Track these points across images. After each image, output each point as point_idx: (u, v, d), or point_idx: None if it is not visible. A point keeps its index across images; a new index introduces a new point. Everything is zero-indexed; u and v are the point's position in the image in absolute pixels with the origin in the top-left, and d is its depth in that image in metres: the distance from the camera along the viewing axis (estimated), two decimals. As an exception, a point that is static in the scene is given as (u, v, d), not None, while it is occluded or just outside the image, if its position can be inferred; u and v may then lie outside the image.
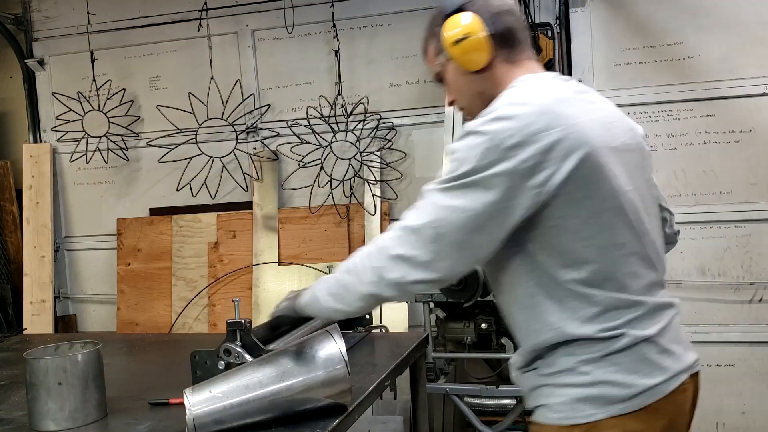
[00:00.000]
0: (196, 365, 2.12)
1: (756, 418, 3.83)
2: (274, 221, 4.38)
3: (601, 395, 1.50)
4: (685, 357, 1.59)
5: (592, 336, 1.51)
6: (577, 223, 1.48)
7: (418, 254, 1.50)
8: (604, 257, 1.51)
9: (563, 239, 1.49)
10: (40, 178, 4.78)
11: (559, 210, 1.47)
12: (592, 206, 1.49)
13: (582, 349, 1.52)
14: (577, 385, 1.53)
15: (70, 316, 4.85)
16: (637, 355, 1.51)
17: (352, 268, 1.62)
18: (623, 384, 1.50)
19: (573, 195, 1.46)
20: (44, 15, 4.84)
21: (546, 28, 3.87)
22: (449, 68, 1.73)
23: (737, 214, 3.80)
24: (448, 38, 1.65)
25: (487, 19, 1.62)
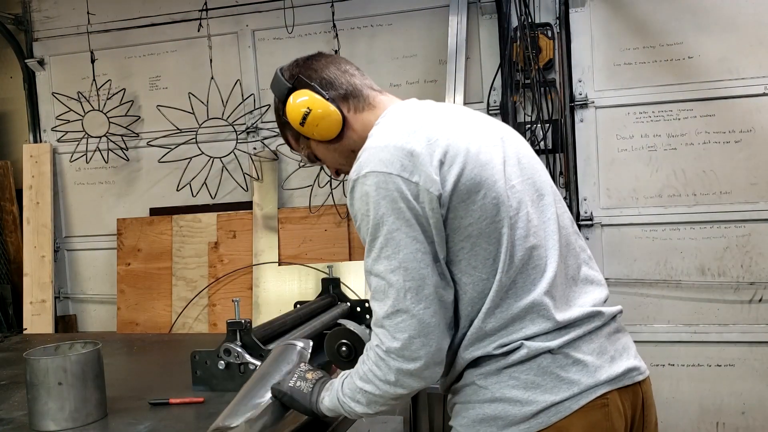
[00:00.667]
0: (197, 365, 2.12)
1: (756, 418, 3.83)
2: (274, 221, 4.38)
3: (500, 415, 1.43)
4: (607, 368, 1.48)
5: (490, 353, 1.45)
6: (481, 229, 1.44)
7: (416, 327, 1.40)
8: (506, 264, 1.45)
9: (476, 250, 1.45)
10: (40, 178, 4.78)
11: (461, 220, 1.44)
12: (486, 208, 1.45)
13: (482, 362, 1.47)
14: (477, 402, 1.46)
15: (70, 316, 4.85)
16: (538, 368, 1.43)
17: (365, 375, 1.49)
18: (522, 401, 1.42)
19: (467, 202, 1.43)
20: (44, 15, 4.84)
21: (546, 28, 3.87)
22: (314, 146, 1.71)
23: (737, 214, 3.80)
24: (293, 122, 1.65)
25: (318, 85, 1.63)
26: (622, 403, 1.49)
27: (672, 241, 3.89)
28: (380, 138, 1.50)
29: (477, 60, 4.09)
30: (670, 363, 3.92)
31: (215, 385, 2.09)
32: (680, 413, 3.93)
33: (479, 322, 1.46)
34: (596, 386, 1.45)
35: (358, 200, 1.45)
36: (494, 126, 1.64)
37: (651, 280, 3.92)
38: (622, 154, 3.94)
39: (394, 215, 1.40)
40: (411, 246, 1.40)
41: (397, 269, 1.40)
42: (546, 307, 1.45)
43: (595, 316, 1.52)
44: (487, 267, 1.45)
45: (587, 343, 1.48)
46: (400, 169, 1.42)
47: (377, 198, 1.41)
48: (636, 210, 3.93)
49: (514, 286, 1.46)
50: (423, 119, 1.54)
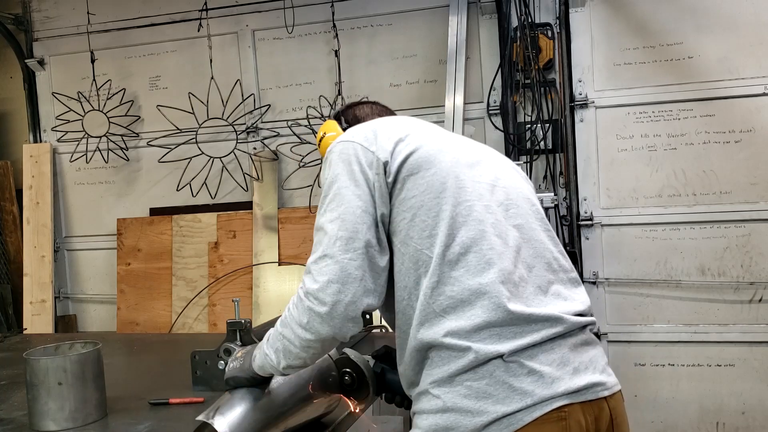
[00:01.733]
0: (196, 365, 2.12)
1: (756, 418, 3.83)
2: (274, 221, 4.38)
3: (452, 425, 1.39)
4: (567, 380, 1.41)
5: (439, 340, 1.42)
6: (424, 202, 1.50)
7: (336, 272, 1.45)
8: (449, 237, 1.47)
9: (416, 221, 1.49)
10: (41, 178, 4.78)
11: (408, 192, 1.51)
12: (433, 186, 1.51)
13: (435, 368, 1.43)
14: (430, 411, 1.44)
15: (70, 316, 4.85)
16: (490, 377, 1.38)
17: (285, 319, 1.54)
18: (473, 411, 1.38)
19: (416, 176, 1.52)
20: (44, 15, 4.84)
21: (546, 28, 3.87)
22: None
23: (737, 214, 3.80)
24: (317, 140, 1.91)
25: (344, 117, 1.89)
26: (585, 418, 1.42)
27: (672, 241, 3.89)
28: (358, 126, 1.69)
29: (477, 60, 4.09)
30: (670, 363, 3.92)
31: (215, 385, 2.08)
32: (680, 413, 3.93)
33: (426, 297, 1.45)
34: (552, 398, 1.39)
35: (327, 167, 1.59)
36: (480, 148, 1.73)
37: (651, 280, 3.92)
38: (622, 154, 3.93)
39: (347, 175, 1.52)
40: (354, 202, 1.49)
41: (335, 220, 1.49)
42: (497, 296, 1.41)
43: (556, 321, 1.45)
44: (423, 239, 1.48)
45: (546, 353, 1.42)
46: (362, 139, 1.58)
47: (337, 161, 1.56)
48: (636, 210, 3.93)
49: (465, 264, 1.45)
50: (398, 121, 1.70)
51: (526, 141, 3.93)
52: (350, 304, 1.45)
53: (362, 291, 1.46)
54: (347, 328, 1.47)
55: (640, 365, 3.96)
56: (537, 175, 3.96)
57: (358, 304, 1.46)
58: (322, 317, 1.45)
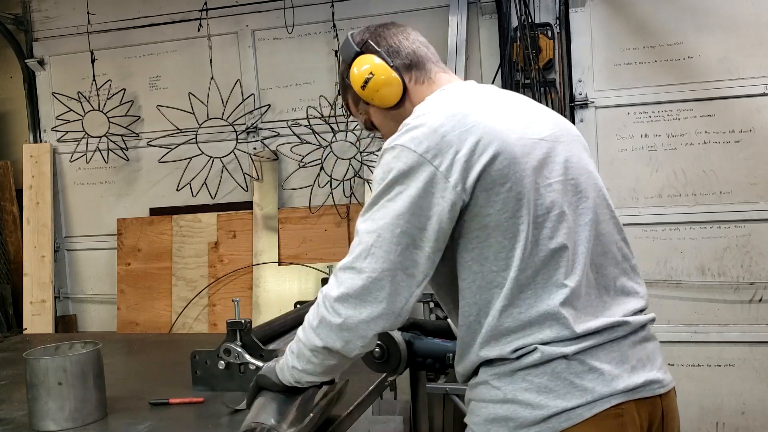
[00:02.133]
0: (196, 365, 2.12)
1: (756, 418, 3.83)
2: (274, 221, 4.38)
3: (511, 416, 1.42)
4: (625, 378, 1.44)
5: (506, 356, 1.44)
6: (498, 222, 1.42)
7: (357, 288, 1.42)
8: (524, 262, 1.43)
9: (490, 241, 1.43)
10: (41, 178, 4.78)
11: (481, 209, 1.43)
12: (508, 203, 1.42)
13: (497, 362, 1.46)
14: (490, 401, 1.46)
15: (70, 316, 4.85)
16: (552, 373, 1.41)
17: (305, 324, 1.51)
18: (534, 404, 1.40)
19: (489, 192, 1.42)
20: (44, 15, 4.84)
21: (546, 28, 3.87)
22: (372, 112, 1.70)
23: (737, 214, 3.80)
24: (355, 84, 1.64)
25: (384, 53, 1.63)
26: (638, 415, 1.45)
27: (672, 241, 3.89)
28: (420, 116, 1.50)
29: (477, 60, 4.09)
30: (670, 363, 3.92)
31: (215, 385, 2.08)
32: (680, 413, 3.92)
33: (494, 319, 1.44)
34: (611, 395, 1.42)
35: (381, 167, 1.47)
36: (551, 121, 1.61)
37: (651, 280, 3.92)
38: (622, 154, 3.94)
39: (399, 189, 1.42)
40: (394, 221, 1.41)
41: (371, 232, 1.42)
42: (564, 318, 1.42)
43: (620, 326, 1.49)
44: (499, 261, 1.43)
45: (606, 352, 1.45)
46: (425, 149, 1.42)
47: (395, 171, 1.43)
48: (636, 210, 3.93)
49: (534, 287, 1.43)
50: (469, 103, 1.52)
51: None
52: (362, 323, 1.42)
53: (378, 313, 1.42)
54: (354, 346, 1.45)
55: (640, 365, 3.96)
56: (537, 175, 3.96)
57: (371, 325, 1.43)
58: (331, 327, 1.44)
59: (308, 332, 1.49)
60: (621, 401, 1.42)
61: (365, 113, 1.72)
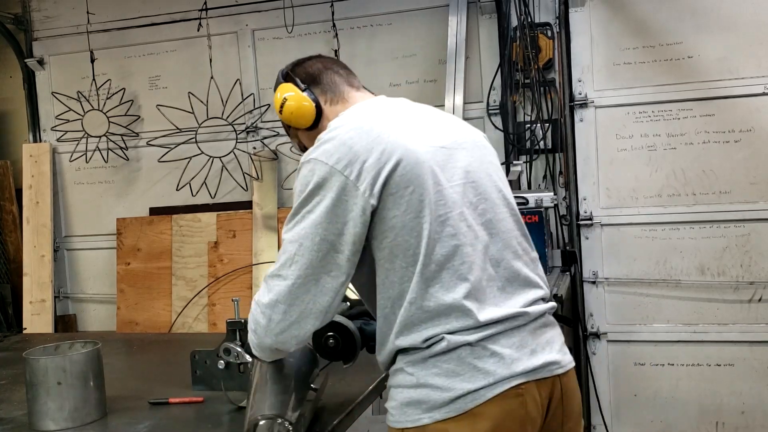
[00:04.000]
0: (196, 365, 2.13)
1: (756, 418, 3.83)
2: (274, 221, 4.38)
3: (424, 399, 1.55)
4: (524, 361, 1.58)
5: (418, 345, 1.56)
6: (405, 222, 1.55)
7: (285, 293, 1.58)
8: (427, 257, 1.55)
9: (398, 240, 1.56)
10: (40, 177, 4.78)
11: (388, 212, 1.55)
12: (412, 204, 1.55)
13: (410, 350, 1.58)
14: (405, 386, 1.58)
15: (69, 316, 4.85)
16: (458, 359, 1.54)
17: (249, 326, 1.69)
18: (443, 388, 1.54)
19: (395, 196, 1.55)
20: (44, 15, 4.84)
21: (546, 27, 3.87)
22: (300, 135, 1.88)
23: (737, 213, 3.80)
24: (275, 109, 1.85)
25: (298, 78, 1.83)
26: (539, 394, 1.59)
27: (672, 241, 3.89)
28: (331, 130, 1.63)
29: (477, 60, 4.09)
30: (670, 363, 3.93)
31: (215, 384, 2.09)
32: (680, 413, 3.93)
33: (406, 311, 1.56)
34: (511, 377, 1.55)
35: (299, 180, 1.61)
36: (454, 130, 1.75)
37: (650, 279, 3.92)
38: (621, 154, 3.94)
39: (316, 200, 1.55)
40: (314, 229, 1.55)
41: (294, 241, 1.57)
42: (468, 310, 1.55)
43: (520, 316, 1.62)
44: (407, 258, 1.56)
45: (507, 338, 1.59)
46: (336, 161, 1.55)
47: (311, 183, 1.56)
48: (636, 210, 3.93)
49: (439, 280, 1.56)
50: (375, 117, 1.67)
51: (526, 141, 3.93)
52: (293, 324, 1.58)
53: (308, 313, 1.57)
54: (289, 344, 1.62)
55: (640, 365, 3.96)
56: (536, 174, 3.96)
57: (302, 325, 1.58)
58: (265, 330, 1.61)
59: (251, 335, 1.67)
60: (521, 381, 1.56)
61: (295, 137, 1.91)
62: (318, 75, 1.83)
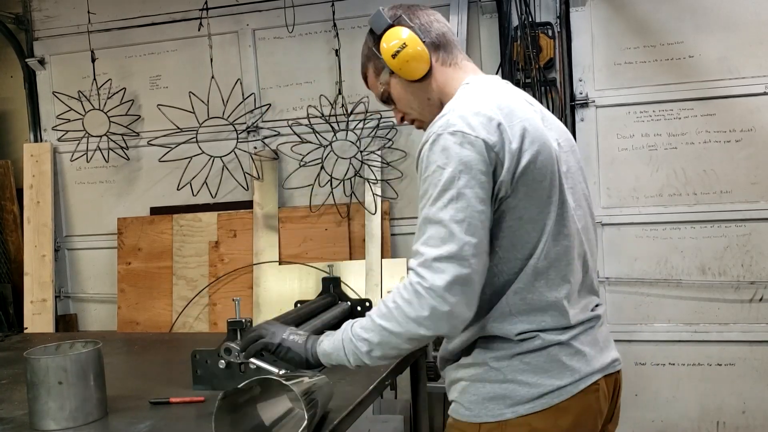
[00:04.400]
0: (197, 364, 2.13)
1: (756, 418, 3.83)
2: (274, 220, 4.38)
3: (509, 394, 1.57)
4: (599, 359, 1.65)
5: (510, 337, 1.58)
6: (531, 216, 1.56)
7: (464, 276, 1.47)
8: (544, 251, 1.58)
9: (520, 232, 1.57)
10: (41, 177, 4.78)
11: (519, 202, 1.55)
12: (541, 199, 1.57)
13: (496, 345, 1.60)
14: (488, 381, 1.59)
15: (70, 316, 4.86)
16: (548, 356, 1.58)
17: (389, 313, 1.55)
18: (531, 384, 1.57)
19: (529, 187, 1.55)
20: (45, 14, 4.84)
21: (546, 27, 3.87)
22: (393, 84, 1.78)
23: (737, 213, 3.80)
24: (386, 52, 1.72)
25: (418, 29, 1.72)
26: (607, 389, 1.67)
27: (672, 241, 3.89)
28: (470, 103, 1.58)
29: (477, 59, 4.08)
30: (671, 362, 3.93)
31: (216, 384, 2.09)
32: (680, 413, 3.93)
33: (507, 298, 1.58)
34: (592, 374, 1.62)
35: (439, 152, 1.52)
36: (560, 126, 1.78)
37: (651, 279, 3.92)
38: (622, 154, 3.94)
39: (470, 175, 1.49)
40: (478, 206, 1.49)
41: (461, 222, 1.48)
42: (564, 310, 1.60)
43: (596, 318, 1.72)
44: (525, 250, 1.57)
45: (585, 336, 1.65)
46: (485, 135, 1.51)
47: (459, 155, 1.49)
48: (636, 209, 3.93)
49: (546, 277, 1.59)
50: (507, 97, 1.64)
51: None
52: (467, 307, 1.50)
53: (476, 295, 1.52)
54: (457, 329, 1.55)
55: (641, 364, 3.96)
56: (537, 174, 3.96)
57: (471, 309, 1.52)
58: (441, 316, 1.49)
59: (408, 325, 1.52)
60: (598, 378, 1.63)
61: (385, 84, 1.79)
62: (433, 29, 1.74)
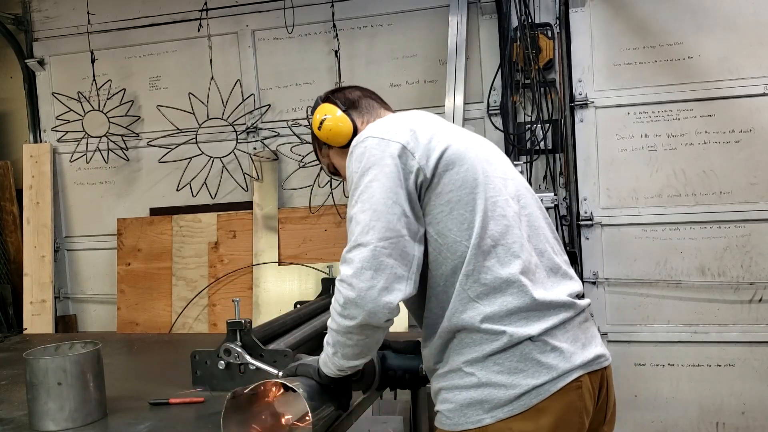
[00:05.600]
0: (197, 365, 2.12)
1: (756, 418, 3.83)
2: (274, 221, 4.38)
3: (486, 399, 1.56)
4: (579, 355, 1.62)
5: (476, 326, 1.57)
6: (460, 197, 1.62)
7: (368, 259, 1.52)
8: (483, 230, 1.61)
9: (453, 215, 1.61)
10: (41, 178, 4.78)
11: (444, 187, 1.61)
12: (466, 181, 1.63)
13: (466, 346, 1.59)
14: (464, 387, 1.59)
15: (70, 316, 4.85)
16: (520, 354, 1.56)
17: (331, 310, 1.61)
18: (507, 385, 1.55)
19: (450, 171, 1.62)
20: (44, 15, 4.84)
21: (546, 28, 3.87)
22: (332, 155, 1.96)
23: (737, 214, 3.80)
24: (314, 126, 1.93)
25: (338, 100, 1.93)
26: (591, 386, 1.64)
27: (672, 241, 3.89)
28: (383, 121, 1.74)
29: (477, 60, 4.09)
30: (670, 363, 3.93)
31: (215, 385, 2.09)
32: (680, 413, 3.93)
33: (462, 284, 1.59)
34: (572, 370, 1.59)
35: (355, 160, 1.64)
36: (480, 138, 1.87)
37: (651, 280, 3.92)
38: (622, 154, 3.94)
39: (378, 168, 1.58)
40: (384, 194, 1.56)
41: (367, 210, 1.55)
42: (524, 285, 1.59)
43: (570, 307, 1.65)
44: (462, 231, 1.60)
45: (562, 332, 1.62)
46: (394, 135, 1.63)
47: (369, 155, 1.61)
48: (636, 210, 3.93)
49: (495, 255, 1.60)
50: (419, 117, 1.76)
51: (526, 141, 3.93)
52: (383, 290, 1.51)
53: (394, 277, 1.53)
54: (381, 314, 1.53)
55: (640, 365, 3.96)
56: (537, 175, 3.96)
57: (390, 290, 1.52)
58: (355, 302, 1.52)
59: (337, 318, 1.58)
60: (579, 375, 1.60)
61: (326, 156, 1.99)
62: (356, 100, 1.93)
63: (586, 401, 1.61)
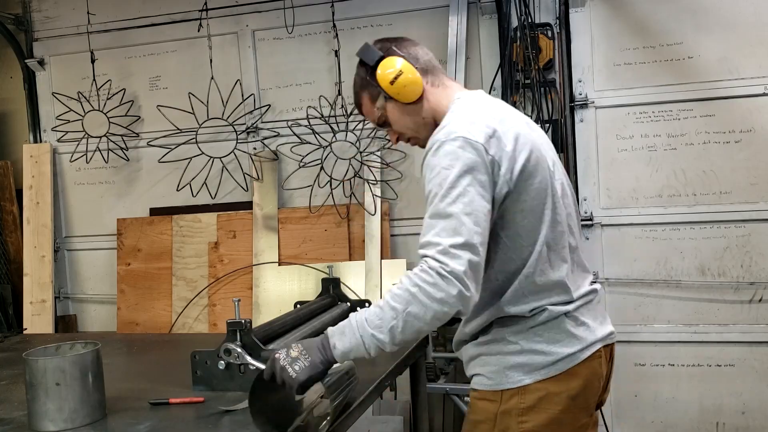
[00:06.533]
0: (197, 365, 2.12)
1: (756, 418, 3.83)
2: (274, 221, 4.38)
3: (527, 363, 1.80)
4: (600, 330, 1.89)
5: (524, 315, 1.80)
6: (531, 207, 1.79)
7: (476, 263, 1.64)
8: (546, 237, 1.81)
9: (524, 223, 1.79)
10: (41, 178, 4.78)
11: (519, 196, 1.77)
12: (538, 192, 1.80)
13: (512, 322, 1.82)
14: (507, 353, 1.82)
15: (70, 316, 4.86)
16: (557, 327, 1.81)
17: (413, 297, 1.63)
18: (546, 352, 1.80)
19: (526, 183, 1.77)
20: (44, 15, 4.84)
21: (546, 28, 3.87)
22: (389, 108, 1.96)
23: (737, 214, 3.80)
24: (383, 80, 1.91)
25: (409, 58, 1.93)
26: (605, 357, 1.91)
27: (672, 241, 3.89)
28: (467, 114, 1.81)
29: (477, 60, 4.09)
30: (670, 363, 3.93)
31: (215, 385, 2.09)
32: (680, 413, 3.93)
33: (520, 283, 1.80)
34: (595, 342, 1.86)
35: (444, 156, 1.72)
36: (539, 129, 2.00)
37: (651, 280, 3.92)
38: (622, 154, 3.94)
39: (472, 175, 1.69)
40: (481, 203, 1.69)
41: (470, 214, 1.66)
42: (567, 286, 1.84)
43: (592, 292, 1.94)
44: (529, 237, 1.80)
45: (587, 310, 1.88)
46: (484, 140, 1.73)
47: (462, 157, 1.70)
48: (636, 210, 3.93)
49: (549, 260, 1.82)
50: (496, 108, 1.89)
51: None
52: (476, 291, 1.66)
53: (480, 282, 1.68)
54: (469, 311, 1.68)
55: (640, 365, 3.96)
56: (537, 175, 3.96)
57: (479, 292, 1.68)
58: (467, 299, 1.62)
59: (433, 305, 1.62)
60: (600, 346, 1.87)
61: (382, 109, 1.97)
62: (420, 57, 1.95)
63: (604, 369, 1.89)
